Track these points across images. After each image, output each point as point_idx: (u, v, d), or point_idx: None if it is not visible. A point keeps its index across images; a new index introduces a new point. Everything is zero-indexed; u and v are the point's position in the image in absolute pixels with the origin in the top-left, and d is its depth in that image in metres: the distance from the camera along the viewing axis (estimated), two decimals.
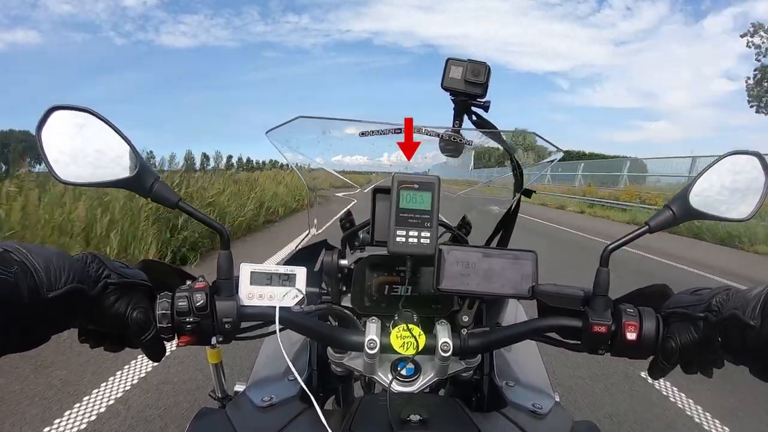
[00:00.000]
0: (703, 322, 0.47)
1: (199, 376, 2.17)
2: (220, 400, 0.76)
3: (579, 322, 0.53)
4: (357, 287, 0.66)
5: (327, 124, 0.63)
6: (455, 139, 0.68)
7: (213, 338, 0.53)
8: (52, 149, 0.46)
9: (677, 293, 0.53)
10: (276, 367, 0.71)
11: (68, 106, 0.46)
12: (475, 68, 0.64)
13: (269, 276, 0.55)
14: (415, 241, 0.55)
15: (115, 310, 0.47)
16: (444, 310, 0.65)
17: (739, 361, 0.46)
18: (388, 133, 0.65)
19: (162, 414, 1.83)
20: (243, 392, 0.65)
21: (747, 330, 0.42)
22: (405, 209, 0.55)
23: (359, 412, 0.51)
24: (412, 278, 0.63)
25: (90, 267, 0.46)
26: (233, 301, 0.52)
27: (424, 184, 0.56)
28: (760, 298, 0.42)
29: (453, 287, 0.55)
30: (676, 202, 0.53)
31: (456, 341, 0.56)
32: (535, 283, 0.54)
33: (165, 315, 0.49)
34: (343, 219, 0.73)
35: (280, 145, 0.64)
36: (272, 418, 0.57)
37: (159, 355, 0.52)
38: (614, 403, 2.13)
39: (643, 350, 0.52)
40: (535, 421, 0.58)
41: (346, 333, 0.57)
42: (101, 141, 0.47)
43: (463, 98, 0.66)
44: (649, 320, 0.51)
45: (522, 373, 0.73)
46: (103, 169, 0.48)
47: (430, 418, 0.48)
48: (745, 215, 0.53)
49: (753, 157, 0.52)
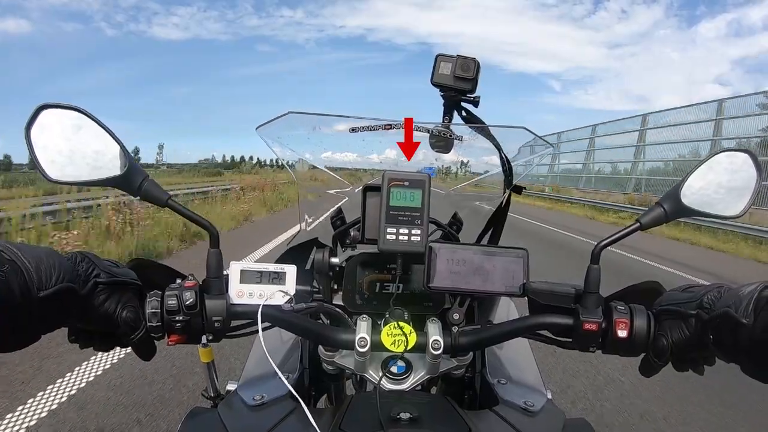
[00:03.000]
0: (695, 320, 0.47)
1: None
2: (212, 399, 0.75)
3: (570, 319, 0.53)
4: (348, 285, 0.66)
5: (318, 119, 0.63)
6: (445, 135, 0.67)
7: (203, 337, 0.53)
8: (41, 148, 0.46)
9: (669, 290, 0.53)
10: (268, 366, 0.71)
11: (57, 105, 0.46)
12: (465, 63, 0.64)
13: (259, 274, 0.54)
14: (406, 238, 0.55)
15: (105, 309, 0.47)
16: (435, 307, 0.65)
17: (730, 358, 0.46)
18: (379, 130, 0.64)
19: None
20: (234, 391, 0.65)
21: (739, 328, 0.42)
22: (395, 207, 0.55)
23: (350, 411, 0.51)
24: (403, 276, 0.63)
25: (80, 266, 0.45)
26: (223, 300, 0.52)
27: (415, 182, 0.55)
28: (753, 295, 0.42)
29: (444, 285, 0.55)
30: (667, 199, 0.53)
31: (447, 339, 0.56)
32: (527, 280, 0.54)
33: (155, 314, 0.49)
34: (334, 217, 0.73)
35: (270, 141, 0.64)
36: (263, 416, 0.57)
37: (149, 354, 0.52)
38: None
39: (634, 348, 0.51)
40: (527, 418, 0.57)
41: (337, 331, 0.57)
42: (90, 139, 0.47)
43: (452, 94, 0.66)
44: (640, 318, 0.51)
45: (514, 371, 0.73)
46: (92, 167, 0.47)
47: (420, 416, 0.48)
48: (736, 212, 0.53)
49: (744, 155, 0.52)
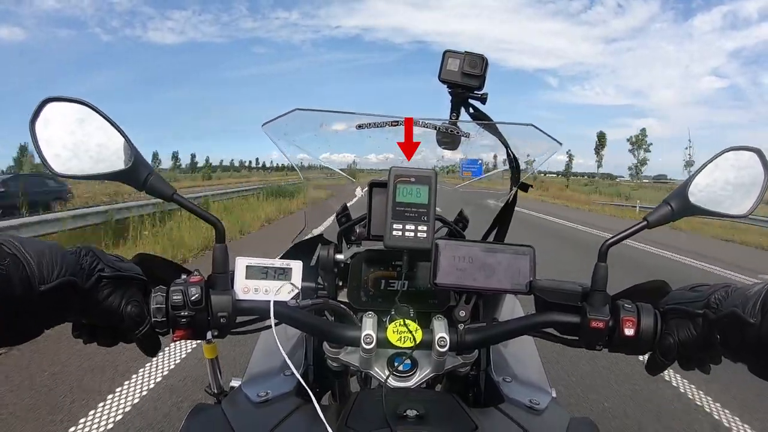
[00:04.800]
0: (702, 319, 0.47)
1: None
2: (216, 396, 0.75)
3: (577, 317, 0.53)
4: (353, 282, 0.66)
5: (324, 116, 0.63)
6: (452, 132, 0.67)
7: (208, 333, 0.52)
8: (45, 141, 0.46)
9: (676, 289, 0.53)
10: (272, 362, 0.71)
11: (62, 98, 0.46)
12: (473, 60, 0.64)
13: (265, 270, 0.54)
14: (412, 235, 0.55)
15: (109, 303, 0.46)
16: (441, 305, 0.65)
17: (737, 358, 0.46)
18: (385, 126, 0.64)
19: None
20: (239, 388, 0.65)
21: (746, 327, 0.42)
22: (402, 203, 0.55)
23: (355, 408, 0.51)
24: (408, 273, 0.63)
25: (83, 260, 0.45)
26: (229, 296, 0.52)
27: (421, 178, 0.55)
28: (760, 295, 0.42)
29: (449, 282, 0.54)
30: (675, 197, 0.53)
31: (453, 336, 0.56)
32: (533, 278, 0.54)
33: (159, 309, 0.49)
34: (340, 213, 0.73)
35: (276, 138, 0.63)
36: (268, 413, 0.56)
37: (153, 349, 0.52)
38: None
39: (640, 346, 0.51)
40: (532, 416, 0.57)
41: (343, 328, 0.57)
42: (96, 133, 0.47)
43: (460, 90, 0.66)
44: (647, 316, 0.51)
45: (519, 369, 0.73)
46: (97, 161, 0.47)
47: (426, 414, 0.48)
48: (744, 211, 0.52)
49: (752, 153, 0.52)
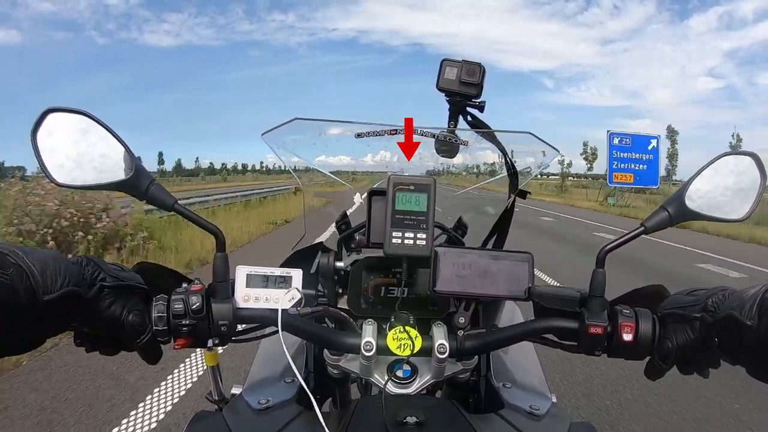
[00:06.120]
0: (700, 323, 0.47)
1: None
2: (217, 403, 0.75)
3: (575, 323, 0.53)
4: (353, 289, 0.66)
5: (323, 126, 0.63)
6: (450, 140, 0.68)
7: (209, 341, 0.52)
8: (47, 152, 0.46)
9: (674, 294, 0.53)
10: (273, 370, 0.71)
11: (64, 109, 0.46)
12: (470, 69, 0.64)
13: (265, 278, 0.54)
14: (411, 242, 0.55)
15: (111, 313, 0.47)
16: (440, 311, 0.65)
17: (736, 361, 0.46)
18: (384, 135, 0.65)
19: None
20: (240, 395, 0.65)
21: (744, 330, 0.42)
22: (401, 211, 0.55)
23: (355, 415, 0.51)
24: (408, 280, 0.63)
25: (86, 270, 0.46)
26: (229, 304, 0.52)
27: (420, 186, 0.56)
28: (757, 297, 0.42)
29: (449, 289, 0.55)
30: (672, 202, 0.53)
31: (452, 343, 0.56)
32: (531, 284, 0.54)
33: (161, 318, 0.49)
34: (339, 221, 0.73)
35: (276, 147, 0.64)
36: (269, 420, 0.57)
37: (155, 358, 0.52)
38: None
39: (639, 351, 0.51)
40: (533, 422, 0.57)
41: (343, 335, 0.57)
42: (97, 143, 0.47)
43: (458, 99, 0.66)
44: (645, 321, 0.51)
45: (519, 375, 0.73)
46: (99, 171, 0.48)
47: (426, 420, 0.48)
48: (740, 216, 0.53)
49: (748, 158, 0.52)
